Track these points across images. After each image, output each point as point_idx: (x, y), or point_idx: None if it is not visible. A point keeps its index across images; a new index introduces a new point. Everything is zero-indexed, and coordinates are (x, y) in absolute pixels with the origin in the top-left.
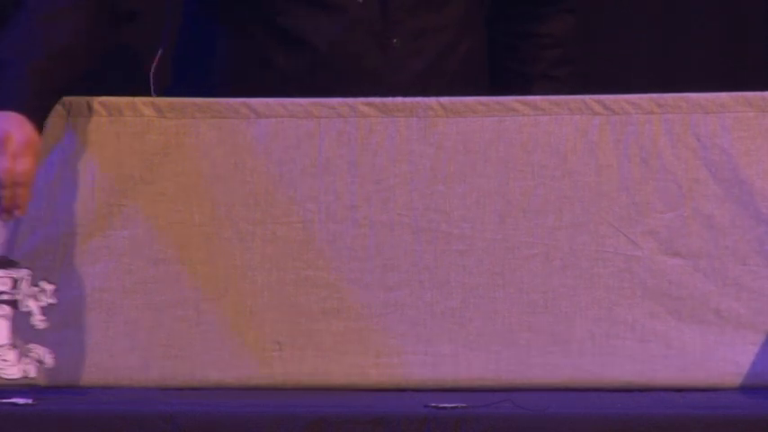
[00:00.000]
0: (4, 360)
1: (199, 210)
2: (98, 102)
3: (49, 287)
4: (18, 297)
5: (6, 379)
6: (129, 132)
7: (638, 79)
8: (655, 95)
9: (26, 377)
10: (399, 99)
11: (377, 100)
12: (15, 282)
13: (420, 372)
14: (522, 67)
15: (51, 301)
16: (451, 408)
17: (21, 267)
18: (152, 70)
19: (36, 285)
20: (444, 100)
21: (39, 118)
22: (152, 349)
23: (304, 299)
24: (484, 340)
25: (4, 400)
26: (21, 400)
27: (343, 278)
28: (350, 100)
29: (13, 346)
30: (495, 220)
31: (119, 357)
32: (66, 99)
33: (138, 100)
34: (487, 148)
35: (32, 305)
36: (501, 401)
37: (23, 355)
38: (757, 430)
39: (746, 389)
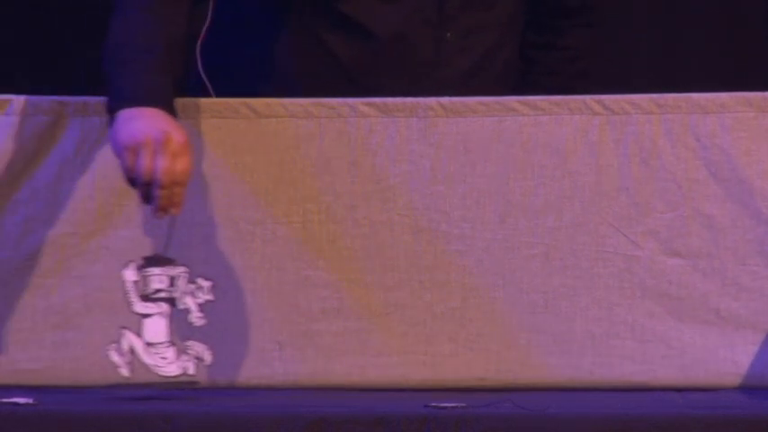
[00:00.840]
0: (163, 358)
1: (199, 210)
2: (98, 102)
3: (206, 284)
4: (175, 294)
5: (165, 376)
6: None
7: (638, 79)
8: (655, 95)
9: (185, 374)
10: (399, 99)
11: (377, 100)
12: (172, 279)
13: (420, 372)
14: (540, 78)
15: (208, 297)
16: (451, 408)
17: (177, 265)
18: (198, 47)
19: (193, 282)
20: (444, 100)
21: (174, 112)
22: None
23: (304, 299)
24: (484, 340)
25: (5, 400)
26: (21, 400)
27: (343, 278)
28: (350, 100)
29: (171, 343)
30: (495, 220)
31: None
32: (66, 99)
33: None
34: (487, 148)
35: (190, 302)
36: (501, 401)
37: (182, 352)
38: (757, 430)
39: (746, 389)
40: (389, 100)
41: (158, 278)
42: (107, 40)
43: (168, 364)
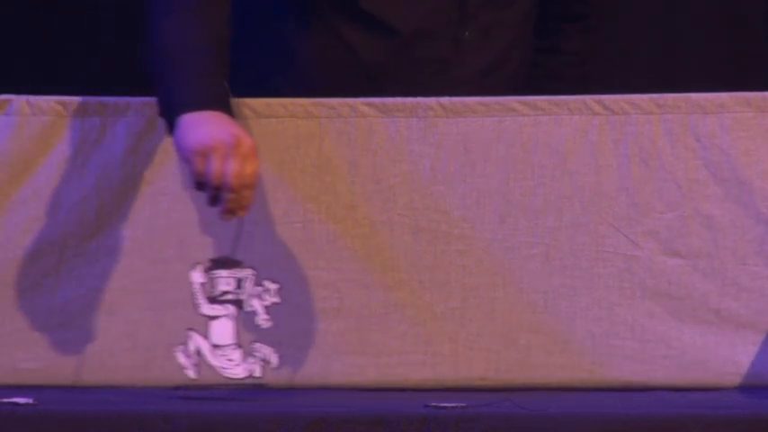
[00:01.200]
0: (229, 360)
1: (199, 210)
2: (98, 102)
3: (272, 286)
4: (242, 297)
5: (231, 378)
6: (129, 132)
7: (638, 79)
8: (655, 95)
9: (251, 376)
10: (399, 99)
11: (377, 100)
12: (239, 282)
13: (420, 372)
14: (542, 83)
15: (275, 300)
16: (451, 408)
17: (244, 267)
18: None
19: (260, 285)
20: (444, 100)
21: (234, 114)
22: (152, 349)
23: (304, 299)
24: (484, 340)
25: (5, 400)
26: (21, 400)
27: (343, 278)
28: (350, 100)
29: (238, 345)
30: (495, 220)
31: (119, 357)
32: (66, 99)
33: (139, 100)
34: (487, 148)
35: (256, 304)
36: (501, 401)
37: (248, 354)
38: (757, 430)
39: (746, 389)
40: (389, 100)
41: (225, 280)
42: (153, 42)
43: (234, 366)
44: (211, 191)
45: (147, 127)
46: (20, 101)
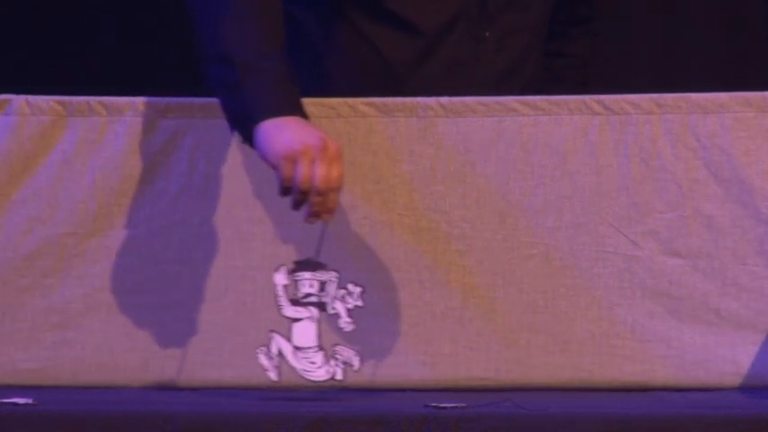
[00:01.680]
0: (312, 363)
1: (199, 210)
2: (98, 102)
3: (356, 289)
4: (325, 299)
5: (313, 381)
6: (129, 132)
7: (638, 79)
8: (655, 95)
9: (333, 379)
10: (399, 99)
11: (377, 100)
12: (322, 284)
13: (420, 372)
14: (546, 86)
15: (358, 303)
16: (451, 408)
17: (328, 270)
18: None
19: (343, 288)
20: (444, 100)
21: (308, 117)
22: (152, 349)
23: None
24: (484, 340)
25: (4, 400)
26: (20, 400)
27: (343, 278)
28: (350, 100)
29: (320, 348)
30: (495, 220)
31: (119, 357)
32: (66, 99)
33: (139, 100)
34: (487, 148)
35: (339, 307)
36: (501, 401)
37: (330, 357)
38: (757, 430)
39: (746, 389)
40: (389, 100)
41: (309, 282)
42: (211, 51)
43: (317, 369)
44: (297, 195)
45: (147, 127)
46: (19, 101)
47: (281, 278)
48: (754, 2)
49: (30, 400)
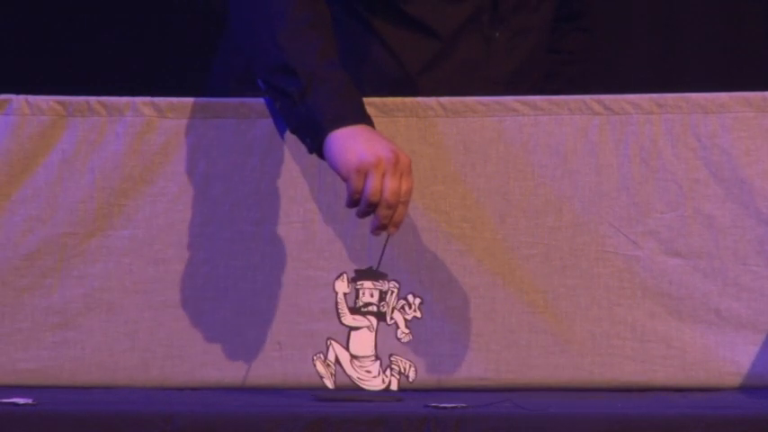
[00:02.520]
0: (367, 371)
1: (199, 210)
2: (98, 102)
3: (415, 300)
4: (385, 309)
5: (368, 390)
6: (129, 132)
7: (638, 79)
8: (655, 95)
9: (388, 389)
10: (399, 99)
11: (377, 100)
12: (382, 294)
13: (420, 372)
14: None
15: (417, 314)
16: (451, 408)
17: (388, 280)
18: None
19: (403, 298)
20: (444, 100)
21: (374, 125)
22: (152, 349)
23: (304, 299)
24: (484, 340)
25: (4, 400)
26: (20, 401)
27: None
28: None
29: (376, 357)
30: (495, 220)
31: (119, 357)
32: (66, 99)
33: (139, 100)
34: (487, 148)
35: (398, 318)
36: (501, 401)
37: (386, 367)
38: (757, 430)
39: (746, 389)
40: (389, 100)
41: (369, 291)
42: (271, 62)
43: (372, 378)
44: (365, 207)
45: (147, 127)
46: (19, 100)
47: (341, 286)
48: (754, 2)
49: (30, 400)
